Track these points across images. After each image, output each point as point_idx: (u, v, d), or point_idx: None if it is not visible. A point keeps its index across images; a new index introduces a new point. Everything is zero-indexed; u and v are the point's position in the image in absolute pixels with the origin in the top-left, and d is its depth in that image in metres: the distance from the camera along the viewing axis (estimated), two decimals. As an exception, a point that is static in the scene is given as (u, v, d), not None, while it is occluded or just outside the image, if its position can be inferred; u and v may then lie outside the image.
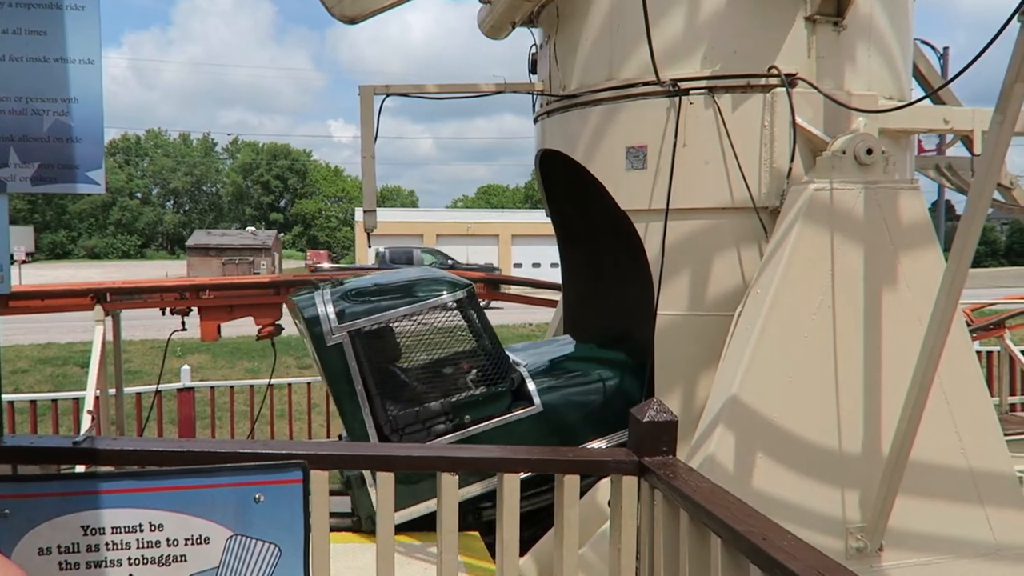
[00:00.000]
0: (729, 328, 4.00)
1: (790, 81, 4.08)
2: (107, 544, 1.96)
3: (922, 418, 3.30)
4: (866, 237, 3.87)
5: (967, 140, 4.57)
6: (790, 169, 4.09)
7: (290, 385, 8.89)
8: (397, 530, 2.64)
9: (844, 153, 3.91)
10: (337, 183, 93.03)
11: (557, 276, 6.30)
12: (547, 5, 4.96)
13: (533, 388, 4.61)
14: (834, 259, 3.82)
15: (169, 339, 6.81)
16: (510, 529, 2.56)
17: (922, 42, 5.38)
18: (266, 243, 57.67)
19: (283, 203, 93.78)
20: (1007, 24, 2.77)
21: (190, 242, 58.20)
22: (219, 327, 6.48)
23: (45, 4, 2.10)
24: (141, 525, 1.98)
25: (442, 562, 2.56)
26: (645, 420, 2.54)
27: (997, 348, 9.23)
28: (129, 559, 1.97)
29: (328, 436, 8.63)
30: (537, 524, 4.27)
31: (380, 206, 5.49)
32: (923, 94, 4.99)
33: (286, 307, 4.82)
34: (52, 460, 2.44)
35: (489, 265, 36.92)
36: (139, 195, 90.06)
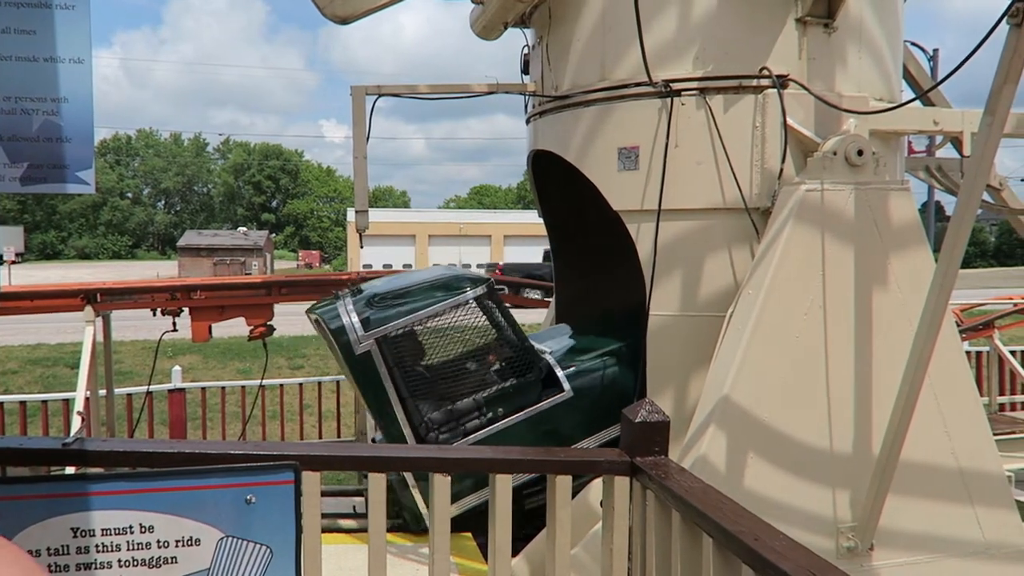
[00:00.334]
0: (721, 328, 4.01)
1: (781, 82, 4.10)
2: (97, 546, 1.95)
3: (912, 418, 3.32)
4: (857, 238, 3.89)
5: (956, 141, 4.59)
6: (781, 170, 4.10)
7: (282, 386, 8.87)
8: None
9: (835, 154, 3.92)
10: (329, 183, 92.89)
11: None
12: (539, 6, 4.96)
13: (562, 374, 4.63)
14: (825, 260, 3.84)
15: (160, 340, 6.79)
16: (502, 530, 2.55)
17: (912, 44, 5.42)
18: (257, 243, 57.57)
19: (275, 203, 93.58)
20: (996, 26, 2.79)
21: (181, 242, 58.05)
22: (210, 328, 6.47)
23: (34, 3, 2.09)
24: (131, 527, 1.97)
25: (434, 563, 2.55)
26: (637, 420, 2.54)
27: (986, 348, 9.29)
28: (119, 561, 1.97)
29: (320, 437, 8.60)
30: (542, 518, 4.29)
31: (372, 206, 5.48)
32: (913, 96, 5.01)
33: (308, 321, 4.82)
34: (41, 462, 2.43)
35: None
36: (130, 195, 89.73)
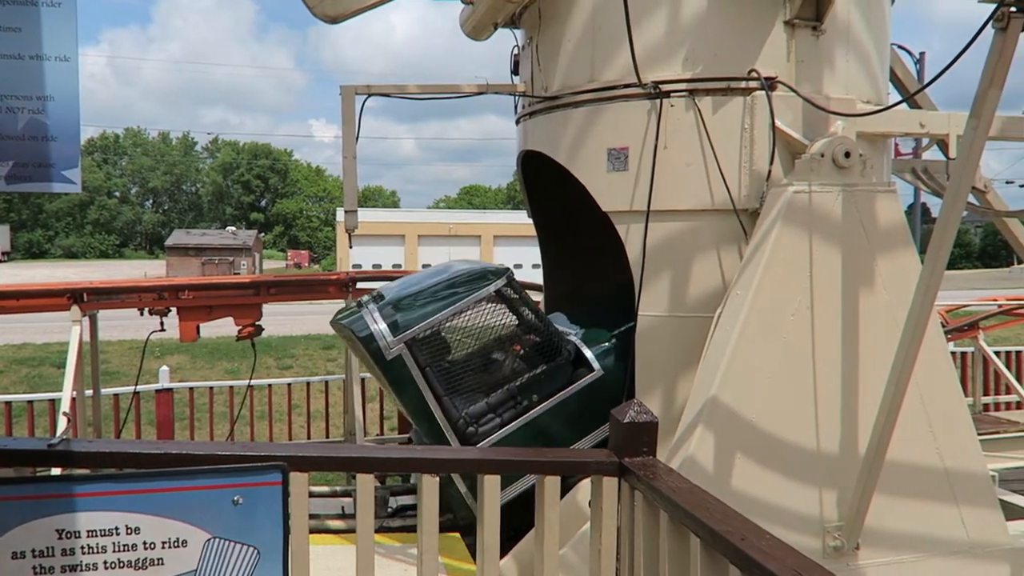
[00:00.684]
0: (709, 329, 4.02)
1: (770, 84, 4.12)
2: (82, 548, 1.94)
3: (898, 418, 3.34)
4: (844, 239, 3.91)
5: (943, 144, 4.63)
6: (769, 172, 4.12)
7: (270, 386, 8.83)
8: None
9: (822, 156, 3.95)
10: (318, 183, 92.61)
11: (538, 277, 6.31)
12: (529, 6, 4.97)
13: (590, 354, 4.66)
14: (812, 261, 3.86)
15: (147, 340, 6.75)
16: (491, 531, 2.55)
17: (899, 47, 5.45)
18: (246, 243, 57.35)
19: (264, 203, 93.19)
20: (982, 30, 2.82)
21: (169, 242, 57.74)
22: (198, 327, 6.43)
23: (20, 0, 2.07)
24: (117, 528, 1.96)
25: (422, 563, 2.55)
26: (625, 421, 2.55)
27: (971, 349, 9.36)
28: (105, 563, 1.95)
29: (308, 438, 8.57)
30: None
31: (361, 206, 5.47)
32: (900, 98, 5.05)
33: (334, 331, 4.83)
34: (27, 463, 2.41)
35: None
36: (117, 194, 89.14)
